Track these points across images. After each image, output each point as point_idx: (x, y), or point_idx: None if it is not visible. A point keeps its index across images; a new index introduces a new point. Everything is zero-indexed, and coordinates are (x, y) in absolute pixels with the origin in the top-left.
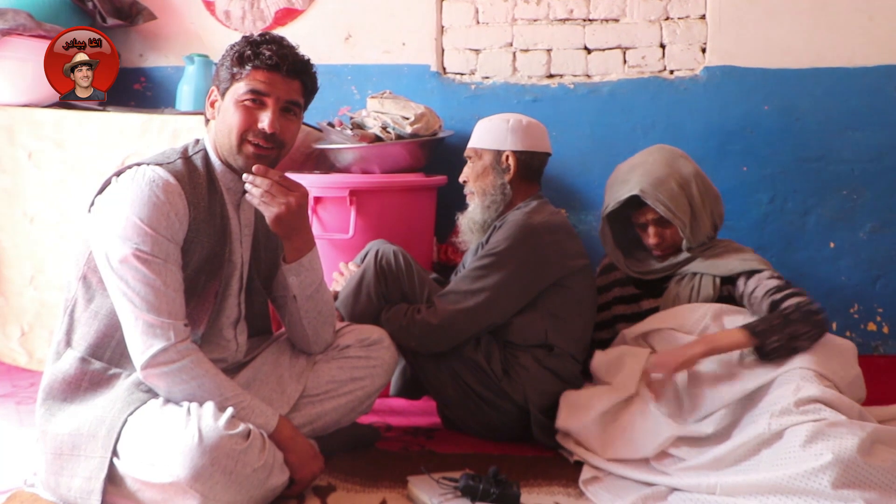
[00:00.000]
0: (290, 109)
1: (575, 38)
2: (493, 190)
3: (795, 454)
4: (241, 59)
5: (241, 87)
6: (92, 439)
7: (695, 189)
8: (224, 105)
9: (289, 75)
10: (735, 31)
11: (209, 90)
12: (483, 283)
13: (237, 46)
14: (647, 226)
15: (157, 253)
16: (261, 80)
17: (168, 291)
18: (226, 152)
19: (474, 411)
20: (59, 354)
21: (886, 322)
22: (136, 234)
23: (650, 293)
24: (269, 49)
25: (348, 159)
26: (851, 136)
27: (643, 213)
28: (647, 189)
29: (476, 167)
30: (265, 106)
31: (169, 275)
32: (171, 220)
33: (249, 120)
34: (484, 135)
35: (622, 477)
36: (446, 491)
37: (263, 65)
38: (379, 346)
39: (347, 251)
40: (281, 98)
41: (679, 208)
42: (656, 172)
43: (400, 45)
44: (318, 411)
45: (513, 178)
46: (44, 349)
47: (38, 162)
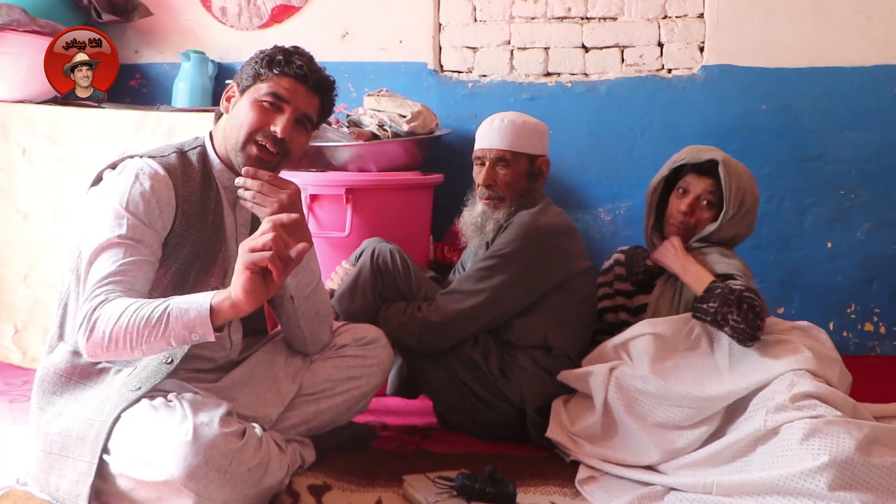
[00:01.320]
0: (303, 123)
1: (573, 37)
2: (523, 195)
3: (793, 451)
4: (272, 62)
5: (262, 88)
6: (81, 442)
7: (750, 204)
8: (241, 101)
9: (312, 90)
10: (733, 31)
11: (228, 86)
12: (487, 284)
13: (270, 52)
14: (687, 194)
15: (131, 235)
16: (285, 86)
17: (123, 265)
18: (230, 146)
19: (471, 411)
20: (52, 348)
21: (883, 322)
22: (115, 219)
23: (643, 289)
24: (300, 60)
25: (345, 157)
26: (849, 135)
27: (699, 180)
28: (728, 164)
29: (512, 172)
30: (282, 111)
31: (134, 251)
32: (150, 206)
33: (263, 120)
34: (523, 138)
35: (618, 477)
36: (442, 490)
37: (292, 73)
38: (375, 345)
39: (344, 249)
40: (299, 108)
41: (734, 199)
42: (738, 166)
43: (397, 43)
44: (314, 410)
45: (541, 184)
46: (37, 347)
47: (33, 158)
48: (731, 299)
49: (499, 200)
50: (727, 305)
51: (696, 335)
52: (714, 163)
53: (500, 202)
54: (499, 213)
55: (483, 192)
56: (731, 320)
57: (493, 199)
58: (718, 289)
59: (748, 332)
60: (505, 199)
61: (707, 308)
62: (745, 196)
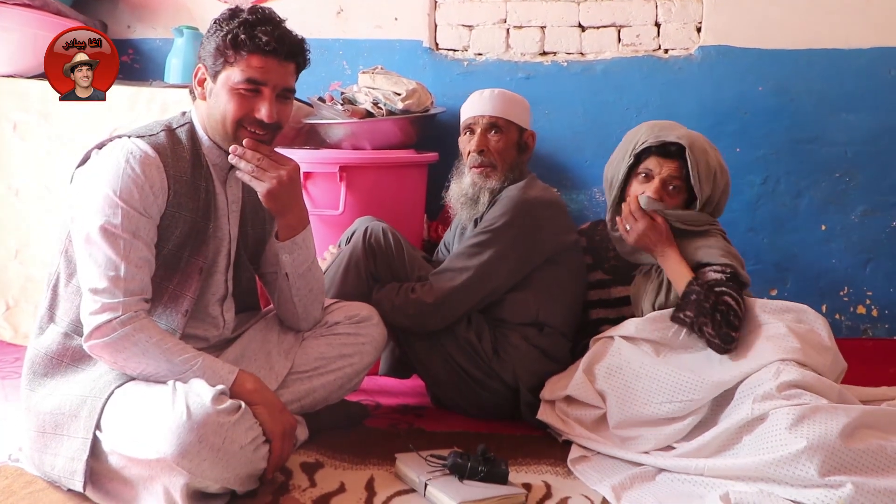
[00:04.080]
0: (285, 95)
1: (569, 16)
2: (512, 167)
3: (780, 437)
4: (236, 42)
5: (235, 75)
6: (74, 419)
7: (722, 182)
8: (216, 90)
9: (285, 59)
10: (730, 11)
11: (196, 67)
12: (479, 259)
13: (229, 27)
14: (652, 178)
15: (126, 227)
16: (257, 66)
17: (129, 268)
18: (220, 138)
19: (464, 390)
20: (43, 329)
21: (876, 305)
22: (108, 207)
23: (620, 280)
24: (264, 32)
25: (339, 135)
26: (845, 118)
27: (664, 163)
28: (695, 146)
29: (504, 139)
30: (262, 95)
31: (134, 251)
32: (144, 193)
33: (245, 108)
34: (514, 108)
35: (610, 457)
36: (434, 469)
37: (260, 50)
38: (368, 323)
39: (337, 227)
40: (278, 85)
41: (705, 182)
42: (702, 142)
43: (392, 20)
44: (307, 388)
45: (527, 159)
46: (28, 324)
47: (24, 134)
48: (705, 308)
49: (490, 168)
50: (702, 315)
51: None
52: (679, 146)
53: (492, 170)
54: (491, 181)
55: (475, 158)
56: (706, 332)
57: (485, 165)
58: (694, 293)
59: (721, 347)
60: (496, 167)
61: (684, 318)
62: (716, 174)
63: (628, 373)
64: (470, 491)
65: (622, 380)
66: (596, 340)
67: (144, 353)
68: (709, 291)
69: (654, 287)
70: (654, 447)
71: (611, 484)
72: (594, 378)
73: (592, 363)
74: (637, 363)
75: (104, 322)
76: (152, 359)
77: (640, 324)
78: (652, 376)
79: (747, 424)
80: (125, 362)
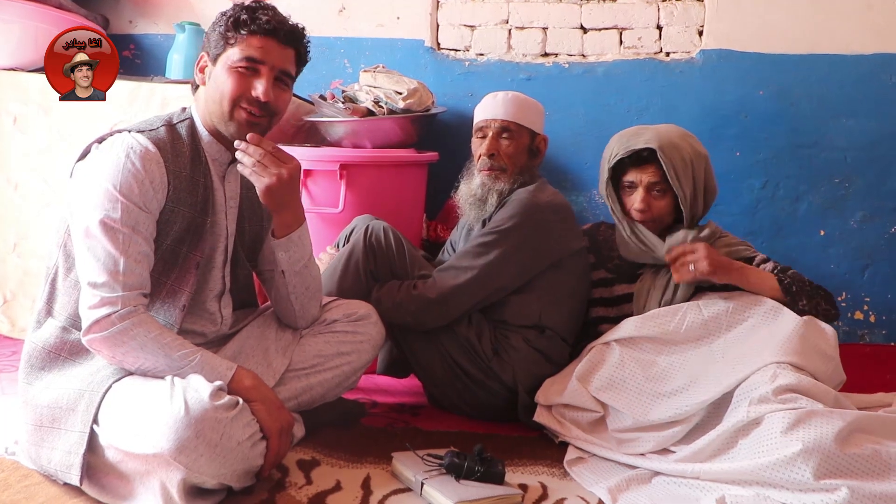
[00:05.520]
0: (283, 79)
1: (571, 17)
2: (522, 170)
3: (776, 440)
4: (237, 23)
5: (235, 54)
6: (71, 413)
7: (701, 169)
8: (216, 71)
9: (284, 42)
10: (732, 15)
11: (199, 56)
12: (485, 259)
13: (231, 11)
14: (636, 188)
15: (125, 221)
16: (256, 45)
17: (129, 262)
18: (216, 119)
19: (461, 390)
20: (40, 323)
21: (873, 311)
22: (108, 201)
23: (623, 278)
24: (265, 14)
25: (339, 133)
26: (845, 123)
27: (641, 171)
28: (664, 147)
29: (515, 143)
30: (259, 74)
31: (133, 245)
32: (144, 188)
33: (243, 86)
34: (526, 112)
35: (606, 459)
36: (431, 468)
37: (260, 30)
38: (366, 321)
39: (337, 225)
40: (276, 66)
41: (684, 179)
42: (671, 137)
43: (394, 19)
44: (304, 385)
45: (538, 164)
46: (26, 317)
47: (24, 127)
48: (808, 290)
49: (500, 171)
50: (814, 297)
51: (689, 324)
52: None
53: (502, 173)
54: (500, 184)
55: (485, 161)
56: (822, 310)
57: (495, 169)
58: (794, 285)
59: (835, 313)
60: (506, 171)
61: (803, 308)
62: (693, 165)
63: (632, 385)
64: (466, 491)
65: (626, 396)
66: (591, 348)
67: (143, 347)
68: (793, 276)
69: (662, 284)
70: (652, 449)
71: (607, 486)
72: (592, 385)
73: (591, 371)
74: (641, 376)
75: (103, 316)
76: (150, 353)
77: (639, 322)
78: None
79: (743, 428)
80: (123, 357)
